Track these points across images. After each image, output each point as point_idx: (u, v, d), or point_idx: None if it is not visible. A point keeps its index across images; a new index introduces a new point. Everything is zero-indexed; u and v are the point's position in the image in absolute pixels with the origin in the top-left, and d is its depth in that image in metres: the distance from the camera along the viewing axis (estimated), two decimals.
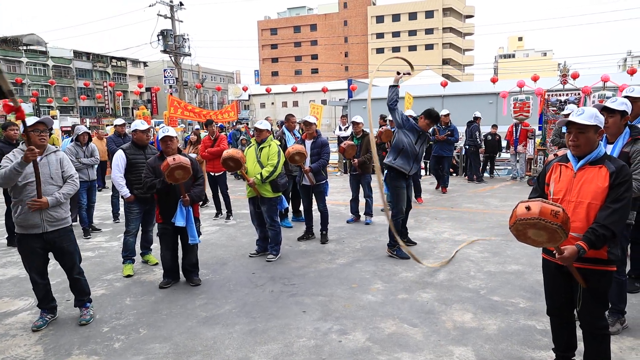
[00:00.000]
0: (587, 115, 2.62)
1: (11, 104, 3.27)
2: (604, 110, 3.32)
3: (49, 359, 3.44)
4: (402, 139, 5.51)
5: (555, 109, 10.91)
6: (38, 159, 3.64)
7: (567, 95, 10.96)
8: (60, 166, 3.92)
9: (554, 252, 2.56)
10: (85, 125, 11.81)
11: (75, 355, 3.48)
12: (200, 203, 8.75)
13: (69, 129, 19.05)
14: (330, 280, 4.89)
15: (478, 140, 11.58)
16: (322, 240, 6.41)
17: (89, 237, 7.05)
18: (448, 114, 10.20)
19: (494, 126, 12.51)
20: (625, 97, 3.77)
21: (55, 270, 4.59)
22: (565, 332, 2.91)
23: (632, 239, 4.04)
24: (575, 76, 11.87)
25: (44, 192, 3.72)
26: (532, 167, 11.56)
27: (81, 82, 49.44)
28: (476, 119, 11.83)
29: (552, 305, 2.91)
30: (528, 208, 2.33)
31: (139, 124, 5.35)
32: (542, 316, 3.77)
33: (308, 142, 6.43)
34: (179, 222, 4.67)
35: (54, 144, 4.70)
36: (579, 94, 10.90)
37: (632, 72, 14.53)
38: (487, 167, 12.71)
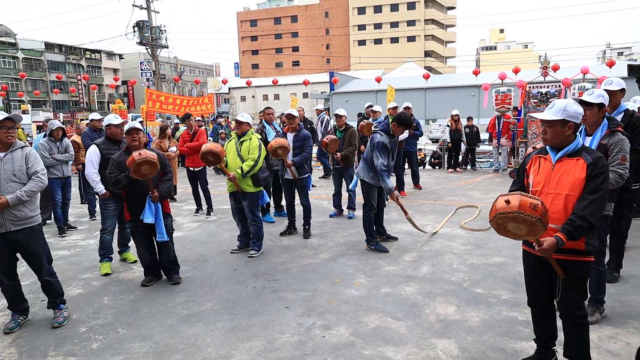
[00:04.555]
0: (554, 109, 2.66)
1: None
2: (581, 103, 3.34)
3: None
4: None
5: (536, 101, 11.02)
6: (1, 154, 3.57)
7: (547, 87, 11.08)
8: (25, 162, 3.72)
9: (534, 244, 2.58)
10: (59, 120, 11.44)
11: (51, 357, 3.39)
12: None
13: (41, 123, 18.45)
14: (313, 276, 4.85)
15: None
16: (304, 235, 6.36)
17: (64, 235, 6.87)
18: (409, 107, 9.53)
19: (470, 118, 12.61)
20: (604, 90, 3.81)
21: (28, 271, 4.44)
22: (546, 323, 2.95)
23: (610, 230, 4.10)
24: (555, 68, 12.01)
25: (5, 190, 3.57)
26: (513, 159, 11.69)
27: (53, 75, 48.03)
28: None
29: (532, 296, 2.95)
30: (507, 202, 2.36)
31: (113, 119, 5.20)
32: (524, 307, 3.80)
33: (290, 135, 6.35)
34: (148, 219, 4.53)
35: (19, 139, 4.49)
36: (559, 86, 11.03)
37: (610, 65, 14.82)
38: (469, 160, 12.84)
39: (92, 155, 5.11)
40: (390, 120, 5.60)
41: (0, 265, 3.76)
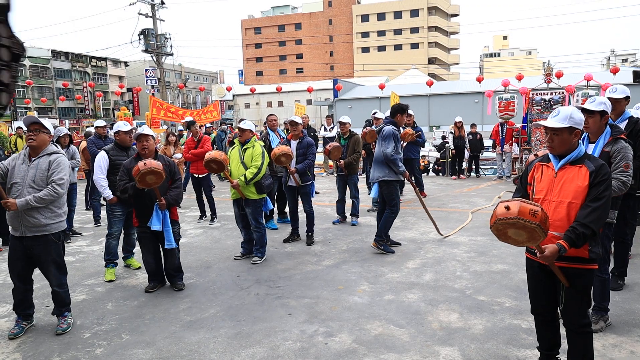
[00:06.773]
0: (560, 117, 2.65)
1: None
2: (583, 111, 3.35)
3: None
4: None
5: (539, 107, 11.02)
6: (32, 159, 3.72)
7: (551, 94, 11.08)
8: (48, 169, 3.72)
9: (536, 251, 2.58)
10: (65, 127, 11.56)
11: None
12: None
13: None
14: (316, 282, 4.86)
15: None
16: (307, 242, 6.37)
17: (69, 241, 6.90)
18: (411, 115, 9.35)
19: (473, 125, 12.62)
20: (608, 98, 3.81)
21: (35, 275, 4.46)
22: (549, 331, 2.93)
23: (614, 237, 4.09)
24: (559, 75, 12.03)
25: (22, 195, 3.62)
26: (517, 166, 11.67)
27: (60, 82, 48.41)
28: None
29: (536, 304, 2.93)
30: (507, 208, 2.36)
31: (122, 125, 5.27)
32: (527, 315, 3.78)
33: (294, 143, 6.38)
34: (155, 226, 4.55)
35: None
36: (562, 92, 11.03)
37: (614, 71, 14.79)
38: (473, 167, 12.83)
39: (101, 161, 5.17)
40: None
41: (15, 267, 3.81)
